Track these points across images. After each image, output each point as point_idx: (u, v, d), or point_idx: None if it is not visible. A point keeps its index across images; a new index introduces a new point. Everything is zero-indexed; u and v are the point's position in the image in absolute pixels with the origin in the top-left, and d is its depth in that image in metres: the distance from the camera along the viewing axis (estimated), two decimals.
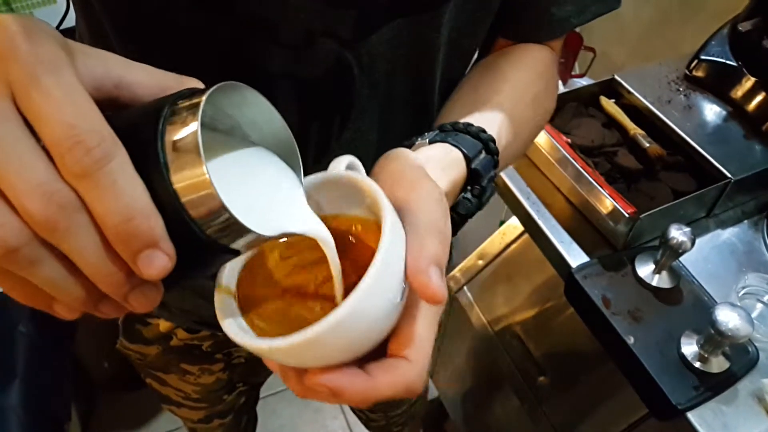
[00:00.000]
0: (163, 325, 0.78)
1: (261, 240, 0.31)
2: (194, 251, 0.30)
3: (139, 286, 0.29)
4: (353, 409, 1.17)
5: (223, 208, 0.28)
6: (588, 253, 0.92)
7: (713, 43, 1.08)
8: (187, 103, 0.29)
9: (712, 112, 1.04)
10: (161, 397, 0.92)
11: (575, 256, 0.92)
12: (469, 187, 0.47)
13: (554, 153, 0.98)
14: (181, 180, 0.28)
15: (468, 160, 0.46)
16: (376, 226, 0.36)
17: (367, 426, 1.20)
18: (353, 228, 0.39)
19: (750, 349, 0.80)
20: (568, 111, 1.07)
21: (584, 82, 1.37)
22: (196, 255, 0.30)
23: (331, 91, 0.52)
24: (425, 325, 0.35)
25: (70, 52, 0.28)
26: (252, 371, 0.93)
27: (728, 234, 0.95)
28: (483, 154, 0.47)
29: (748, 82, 1.03)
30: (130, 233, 0.26)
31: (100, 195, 0.26)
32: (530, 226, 0.99)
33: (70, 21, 1.43)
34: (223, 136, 0.35)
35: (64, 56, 0.27)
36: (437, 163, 0.43)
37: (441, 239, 0.35)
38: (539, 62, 0.60)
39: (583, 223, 0.96)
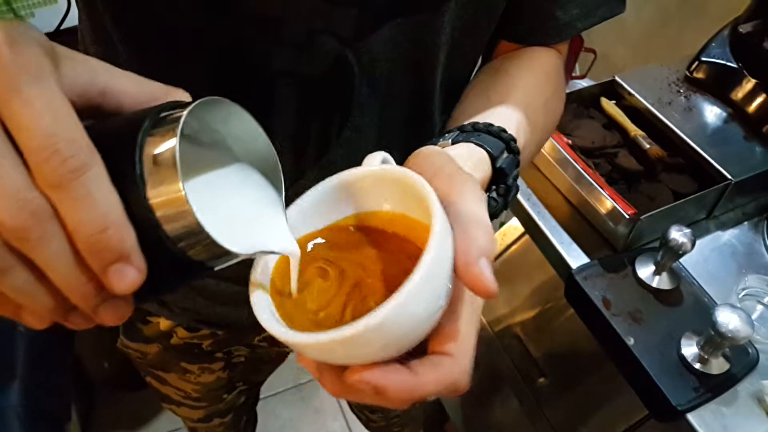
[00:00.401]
0: (164, 323, 0.78)
1: (239, 258, 0.31)
2: (168, 266, 0.29)
3: (110, 300, 0.29)
4: (353, 410, 1.17)
5: (198, 226, 0.27)
6: (588, 255, 0.92)
7: (714, 44, 1.08)
8: (168, 116, 0.29)
9: (712, 113, 1.04)
10: (161, 396, 0.92)
11: (575, 257, 0.92)
12: (494, 187, 0.47)
13: (555, 154, 0.98)
14: (157, 195, 0.27)
15: (493, 159, 0.46)
16: (416, 221, 0.37)
17: (367, 426, 1.19)
18: (393, 224, 0.39)
19: (750, 350, 0.80)
20: (569, 112, 1.07)
21: (585, 83, 1.37)
22: (169, 270, 0.30)
23: (331, 90, 0.52)
24: (468, 321, 0.35)
25: (55, 59, 0.28)
26: (252, 370, 0.93)
27: (728, 235, 0.95)
28: (506, 154, 0.47)
29: (749, 84, 1.03)
30: (101, 245, 0.26)
31: (74, 205, 0.26)
32: (530, 227, 0.99)
33: (71, 21, 1.43)
34: (207, 150, 0.35)
35: (47, 64, 0.27)
36: (465, 162, 0.43)
37: (487, 231, 0.34)
38: (547, 66, 0.60)
39: (583, 225, 0.96)
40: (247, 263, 0.37)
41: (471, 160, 0.44)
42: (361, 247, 0.37)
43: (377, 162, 0.39)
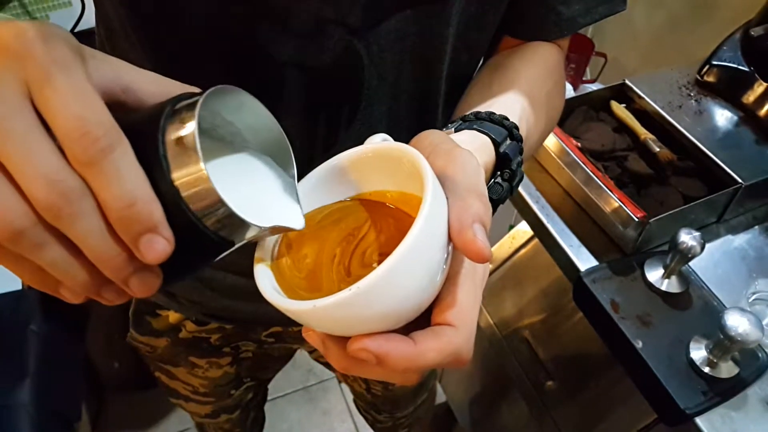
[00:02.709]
0: (173, 316, 0.79)
1: (256, 233, 0.33)
2: (192, 242, 0.31)
3: (140, 271, 0.31)
4: (360, 410, 1.17)
5: (218, 198, 0.30)
6: (597, 258, 0.92)
7: (725, 48, 1.08)
8: (186, 104, 0.31)
9: (723, 117, 1.04)
10: (169, 390, 0.93)
11: (584, 261, 0.92)
12: (498, 173, 0.48)
13: (564, 157, 0.98)
14: (180, 174, 0.29)
15: (496, 144, 0.47)
16: (413, 196, 0.38)
17: (373, 427, 1.20)
18: (392, 200, 0.40)
19: (760, 354, 0.79)
20: (579, 115, 1.07)
21: (595, 87, 1.36)
22: (194, 246, 0.32)
23: (341, 80, 0.52)
24: (468, 291, 0.35)
25: (82, 56, 0.30)
26: (259, 366, 0.94)
27: (739, 239, 0.95)
28: (508, 140, 0.48)
29: (760, 88, 1.02)
30: (132, 217, 0.28)
31: (105, 182, 0.28)
32: (539, 230, 0.99)
33: (86, 23, 1.44)
34: (222, 142, 0.37)
35: (75, 58, 0.29)
36: (467, 146, 0.43)
37: (482, 200, 0.35)
38: (549, 60, 0.61)
39: (592, 228, 0.96)
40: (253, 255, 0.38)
41: (473, 145, 0.45)
42: (361, 221, 0.38)
43: (377, 141, 0.41)
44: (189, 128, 0.30)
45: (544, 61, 0.60)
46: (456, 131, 0.47)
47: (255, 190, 0.37)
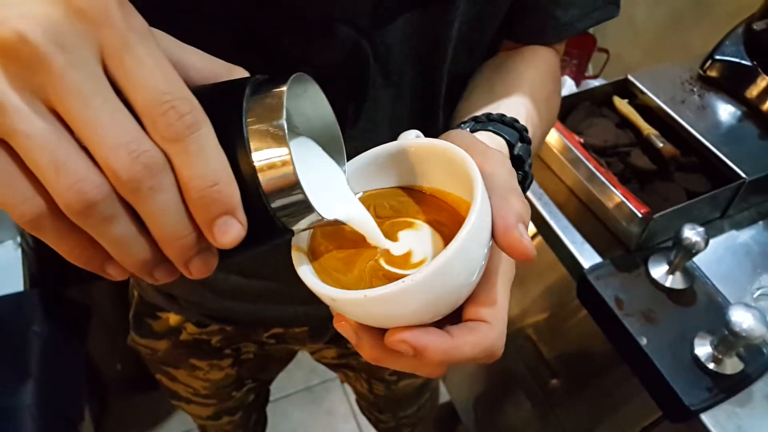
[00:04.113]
0: (173, 318, 0.78)
1: (317, 223, 0.32)
2: (257, 228, 0.30)
3: (203, 252, 0.30)
4: (362, 411, 1.17)
5: (299, 188, 0.29)
6: (601, 254, 0.92)
7: (727, 42, 1.07)
8: (268, 86, 0.30)
9: (726, 111, 1.03)
10: (170, 393, 0.93)
11: (588, 257, 0.91)
12: None
13: (567, 153, 0.98)
14: (263, 157, 0.29)
15: (510, 146, 0.47)
16: (451, 194, 0.38)
17: (376, 427, 1.19)
18: (431, 192, 0.40)
19: (765, 350, 0.79)
20: (581, 111, 1.07)
21: (597, 83, 1.36)
22: (258, 232, 0.31)
23: (347, 79, 0.52)
24: (501, 289, 0.36)
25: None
26: (261, 368, 0.93)
27: (743, 235, 0.94)
28: (520, 143, 0.48)
29: (763, 82, 1.02)
30: (212, 198, 0.27)
31: (188, 159, 0.27)
32: (542, 227, 0.98)
33: None
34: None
35: (148, 28, 0.28)
36: None
37: (522, 199, 0.35)
38: (548, 64, 0.62)
39: (595, 224, 0.96)
40: (256, 256, 0.37)
41: (492, 146, 0.45)
42: (404, 210, 0.39)
43: (412, 137, 0.41)
44: (276, 113, 0.29)
45: (544, 64, 0.61)
46: (471, 132, 0.47)
47: (316, 180, 0.36)
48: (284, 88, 0.30)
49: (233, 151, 0.29)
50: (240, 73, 0.33)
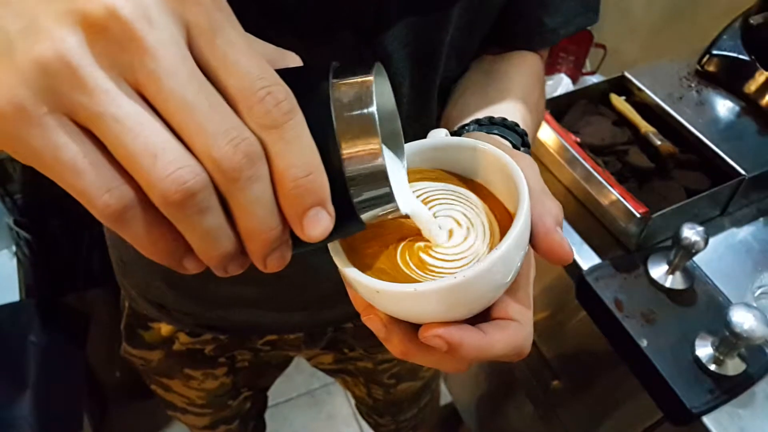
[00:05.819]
0: (165, 328, 0.78)
1: (387, 216, 0.32)
2: (339, 220, 0.29)
3: (283, 245, 0.29)
4: (362, 415, 1.16)
5: (386, 182, 0.28)
6: (599, 255, 0.91)
7: (725, 37, 1.06)
8: (350, 75, 0.29)
9: (724, 107, 1.02)
10: (166, 403, 0.92)
11: (586, 258, 0.90)
12: None
13: (563, 153, 0.97)
14: (352, 149, 0.28)
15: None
16: (484, 188, 0.39)
17: (376, 431, 1.19)
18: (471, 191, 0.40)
19: (767, 350, 0.78)
20: (578, 109, 1.06)
21: (595, 79, 1.35)
22: (337, 224, 0.30)
23: None
24: (528, 290, 0.37)
25: None
26: (256, 375, 0.93)
27: (743, 233, 0.93)
28: (522, 147, 0.48)
29: (762, 77, 1.00)
30: (305, 188, 0.26)
31: (285, 147, 0.26)
32: None
33: None
34: None
35: (231, 10, 0.27)
36: None
37: (556, 202, 0.36)
38: (535, 68, 0.62)
39: (594, 224, 0.95)
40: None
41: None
42: (449, 201, 0.39)
43: (442, 136, 0.41)
44: (366, 102, 0.28)
45: (533, 71, 0.61)
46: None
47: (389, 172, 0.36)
48: (371, 77, 0.29)
49: (322, 141, 0.27)
50: (292, 58, 0.32)
